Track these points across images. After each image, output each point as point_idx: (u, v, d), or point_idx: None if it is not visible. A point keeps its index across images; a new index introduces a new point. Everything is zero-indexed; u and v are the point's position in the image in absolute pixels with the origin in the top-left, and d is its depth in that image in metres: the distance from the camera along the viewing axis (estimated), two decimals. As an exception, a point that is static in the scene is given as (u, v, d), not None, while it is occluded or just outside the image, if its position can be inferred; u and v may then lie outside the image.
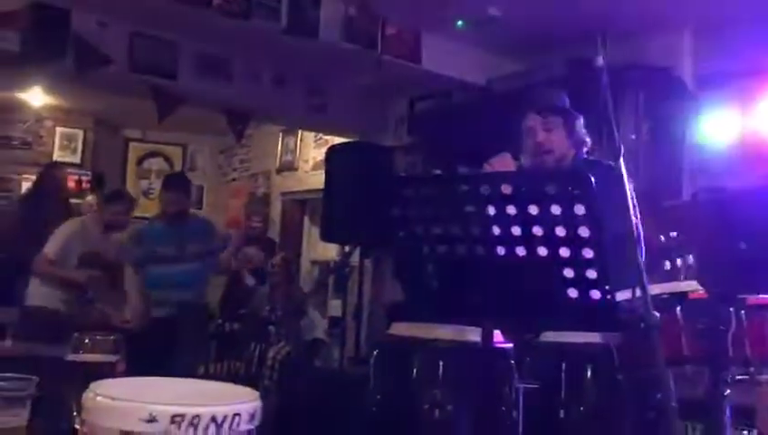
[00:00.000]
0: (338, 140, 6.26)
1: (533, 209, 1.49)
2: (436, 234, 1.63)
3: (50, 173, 5.90)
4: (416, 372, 1.74)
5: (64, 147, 7.38)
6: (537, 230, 1.50)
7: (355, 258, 6.11)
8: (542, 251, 1.51)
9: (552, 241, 1.49)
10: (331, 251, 6.67)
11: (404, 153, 5.78)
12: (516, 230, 1.52)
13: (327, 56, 4.81)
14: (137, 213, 8.00)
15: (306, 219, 7.19)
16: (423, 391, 1.70)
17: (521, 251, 1.53)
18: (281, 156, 7.41)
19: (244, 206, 7.74)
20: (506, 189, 1.52)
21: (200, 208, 8.32)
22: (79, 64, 4.31)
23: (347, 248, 6.56)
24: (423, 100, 5.65)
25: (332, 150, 5.74)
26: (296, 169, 7.16)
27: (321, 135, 6.85)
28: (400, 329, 1.86)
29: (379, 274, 5.87)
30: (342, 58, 4.82)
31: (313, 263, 7.15)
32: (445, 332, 1.76)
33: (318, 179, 6.66)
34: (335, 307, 6.72)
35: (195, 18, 4.20)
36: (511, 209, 1.51)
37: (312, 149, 7.01)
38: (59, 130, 7.41)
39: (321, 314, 6.29)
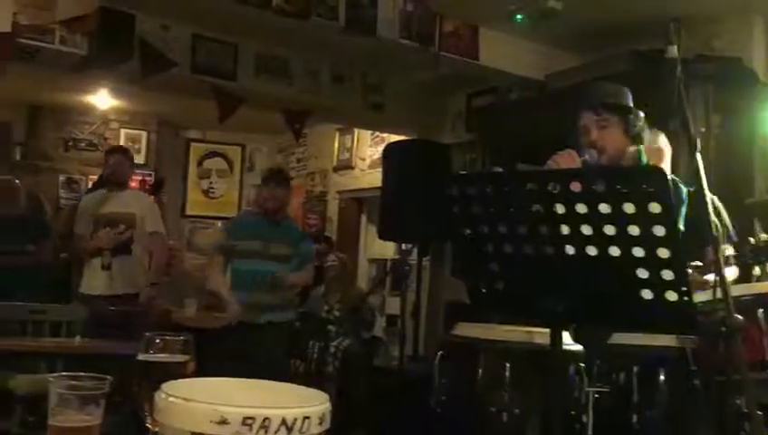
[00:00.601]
0: (395, 137, 6.25)
1: (605, 208, 1.43)
2: (502, 232, 1.59)
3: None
4: (482, 373, 1.70)
5: (129, 148, 7.57)
6: (609, 229, 1.45)
7: (413, 256, 6.09)
8: (615, 251, 1.45)
9: (624, 240, 1.43)
10: (388, 249, 6.66)
11: (462, 150, 5.73)
12: (587, 229, 1.47)
13: (384, 54, 4.80)
14: (195, 211, 8.23)
15: (363, 217, 7.20)
16: (489, 394, 1.66)
17: (591, 251, 1.48)
18: (337, 154, 7.45)
19: (301, 204, 7.80)
20: (576, 187, 1.47)
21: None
22: (144, 67, 4.41)
23: (404, 246, 6.56)
24: (481, 96, 5.59)
25: (390, 148, 5.73)
26: (353, 168, 7.18)
27: (377, 133, 6.85)
28: (465, 329, 1.83)
29: (437, 272, 5.83)
30: (400, 55, 4.80)
31: (371, 261, 7.15)
32: (511, 333, 1.72)
33: (375, 177, 6.66)
34: (393, 305, 6.72)
35: (254, 19, 4.24)
36: (581, 208, 1.46)
37: (369, 148, 7.02)
38: (123, 131, 7.62)
39: (378, 313, 6.30)
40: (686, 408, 1.69)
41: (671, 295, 1.40)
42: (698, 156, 1.50)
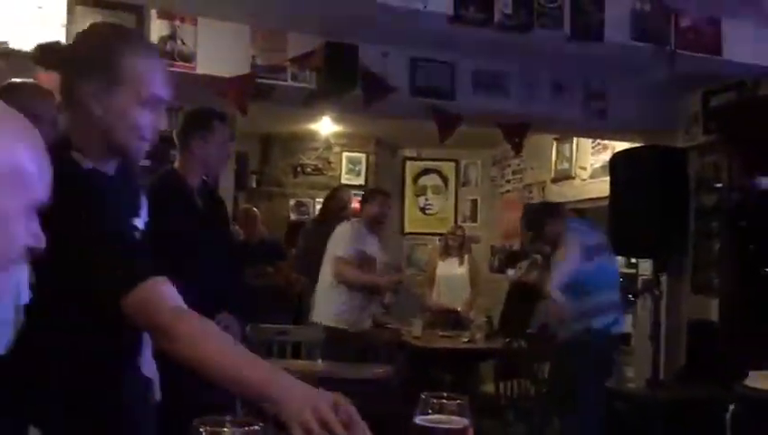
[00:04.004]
0: (620, 145, 5.87)
1: None
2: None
3: (335, 196, 6.28)
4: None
5: (350, 170, 7.93)
6: None
7: (645, 271, 5.67)
8: None
9: None
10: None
11: (699, 154, 5.22)
12: None
13: (610, 58, 4.50)
14: (413, 229, 8.38)
15: (586, 230, 6.84)
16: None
17: None
18: (555, 164, 7.17)
19: (520, 218, 7.61)
20: None
21: (475, 222, 8.39)
22: (366, 95, 4.54)
23: (632, 260, 6.11)
24: (720, 93, 5.04)
25: (617, 156, 5.38)
26: (573, 178, 6.87)
27: (598, 140, 6.49)
28: (764, 381, 1.57)
29: (675, 288, 5.35)
30: (626, 58, 4.48)
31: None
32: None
33: (597, 187, 6.30)
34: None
35: (471, 37, 4.18)
36: None
37: (590, 156, 6.66)
38: (345, 154, 7.98)
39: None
40: None
41: None
42: None
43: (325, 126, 7.54)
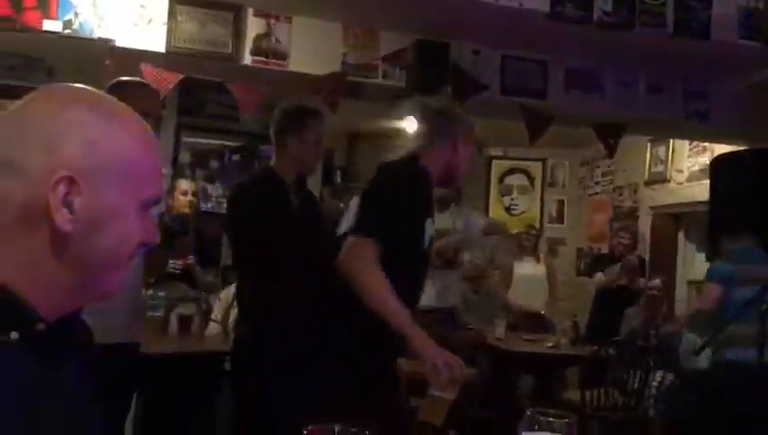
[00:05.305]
0: (720, 148, 5.60)
1: None
2: None
3: None
4: None
5: (435, 168, 7.87)
6: None
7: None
8: None
9: None
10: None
11: (811, 158, 4.91)
12: None
13: (714, 56, 4.29)
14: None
15: (680, 236, 6.57)
16: None
17: None
18: (649, 167, 6.91)
19: (609, 221, 7.39)
20: None
21: (562, 223, 8.20)
22: (457, 93, 4.48)
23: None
24: (836, 94, 4.73)
25: (719, 160, 5.13)
26: (668, 181, 6.60)
27: (697, 143, 6.21)
28: None
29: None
30: (730, 57, 4.26)
31: (690, 283, 6.49)
32: None
33: (694, 192, 6.04)
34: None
35: (568, 35, 4.07)
36: None
37: (687, 159, 6.39)
38: (430, 152, 7.93)
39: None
40: None
41: None
42: None
43: (410, 123, 7.51)
